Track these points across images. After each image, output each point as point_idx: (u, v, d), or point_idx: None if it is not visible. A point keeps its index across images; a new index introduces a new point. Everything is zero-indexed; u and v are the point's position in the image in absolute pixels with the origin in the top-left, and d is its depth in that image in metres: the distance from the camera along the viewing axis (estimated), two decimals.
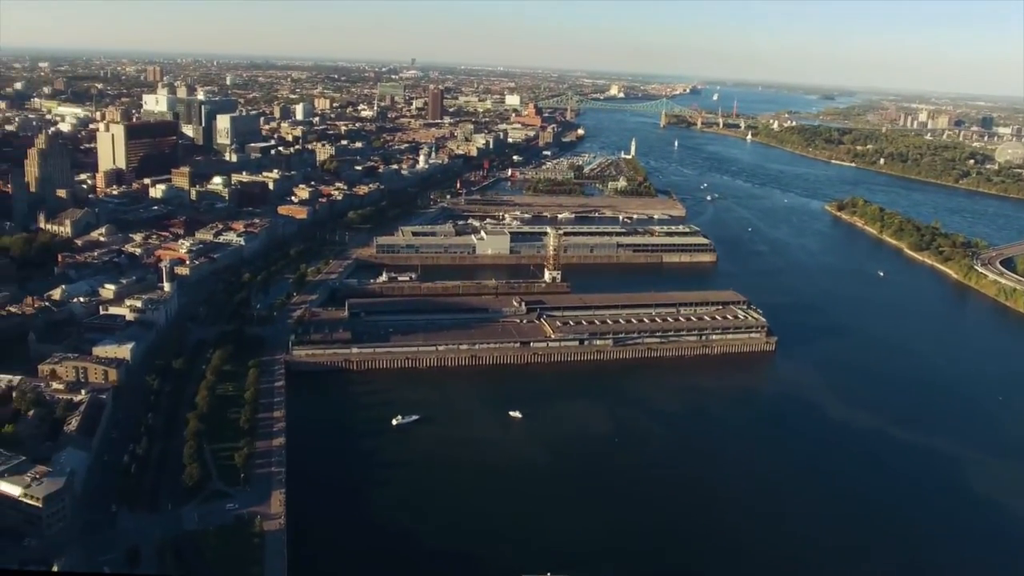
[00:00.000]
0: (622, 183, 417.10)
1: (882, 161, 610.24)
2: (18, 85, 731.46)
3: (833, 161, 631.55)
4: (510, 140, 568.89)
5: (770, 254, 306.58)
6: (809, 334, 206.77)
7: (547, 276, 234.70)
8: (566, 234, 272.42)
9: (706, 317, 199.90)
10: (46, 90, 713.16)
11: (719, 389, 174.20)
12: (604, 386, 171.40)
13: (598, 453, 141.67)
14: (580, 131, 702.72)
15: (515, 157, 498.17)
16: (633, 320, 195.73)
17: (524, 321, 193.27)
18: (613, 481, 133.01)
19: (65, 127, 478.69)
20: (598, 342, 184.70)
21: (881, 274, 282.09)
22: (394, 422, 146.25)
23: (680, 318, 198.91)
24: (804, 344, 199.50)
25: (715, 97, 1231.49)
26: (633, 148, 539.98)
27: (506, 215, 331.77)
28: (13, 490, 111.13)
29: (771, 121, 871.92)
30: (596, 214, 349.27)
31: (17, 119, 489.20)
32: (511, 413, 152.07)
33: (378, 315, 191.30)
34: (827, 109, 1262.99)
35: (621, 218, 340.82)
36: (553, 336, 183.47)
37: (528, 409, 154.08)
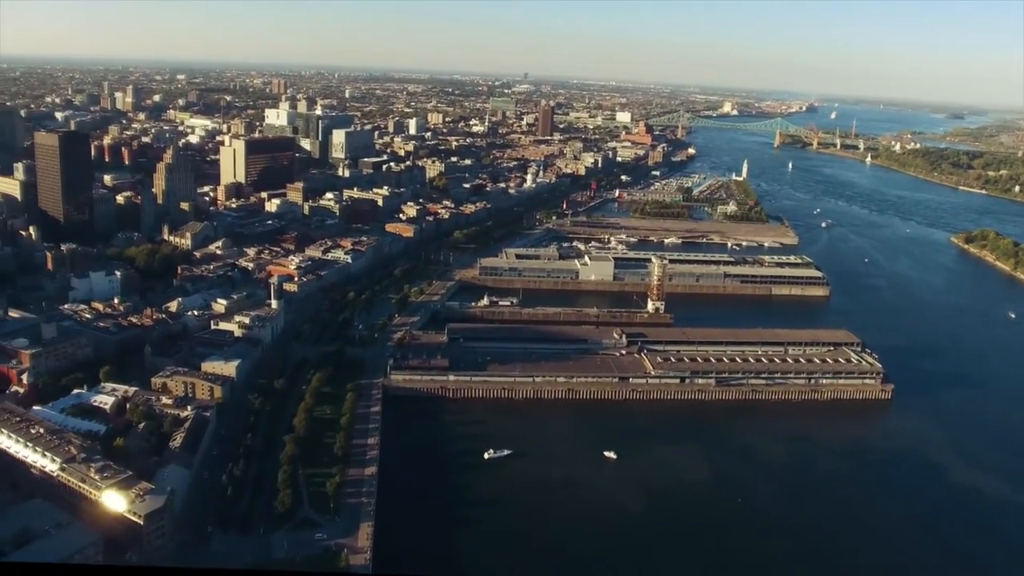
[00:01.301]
0: (732, 207, 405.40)
1: (1017, 188, 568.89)
2: (156, 97, 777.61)
3: (961, 187, 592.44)
4: (619, 159, 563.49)
5: (888, 290, 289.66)
6: (930, 383, 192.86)
7: (650, 306, 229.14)
8: (671, 261, 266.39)
9: (816, 359, 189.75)
10: (180, 102, 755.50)
11: (828, 439, 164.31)
12: (704, 429, 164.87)
13: (695, 503, 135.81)
14: (691, 150, 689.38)
15: (623, 177, 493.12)
16: (737, 359, 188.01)
17: (624, 354, 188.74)
18: (709, 534, 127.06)
19: (194, 139, 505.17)
20: (699, 381, 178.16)
21: (1013, 316, 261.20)
22: (486, 456, 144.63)
23: (788, 359, 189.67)
24: (924, 394, 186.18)
25: (833, 115, 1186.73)
26: (745, 170, 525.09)
27: (611, 238, 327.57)
28: (118, 505, 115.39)
29: (892, 142, 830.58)
30: (704, 240, 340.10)
31: (153, 131, 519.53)
32: (606, 453, 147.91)
33: (477, 341, 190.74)
34: (955, 129, 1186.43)
35: (730, 245, 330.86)
36: (653, 372, 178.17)
37: (623, 449, 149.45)
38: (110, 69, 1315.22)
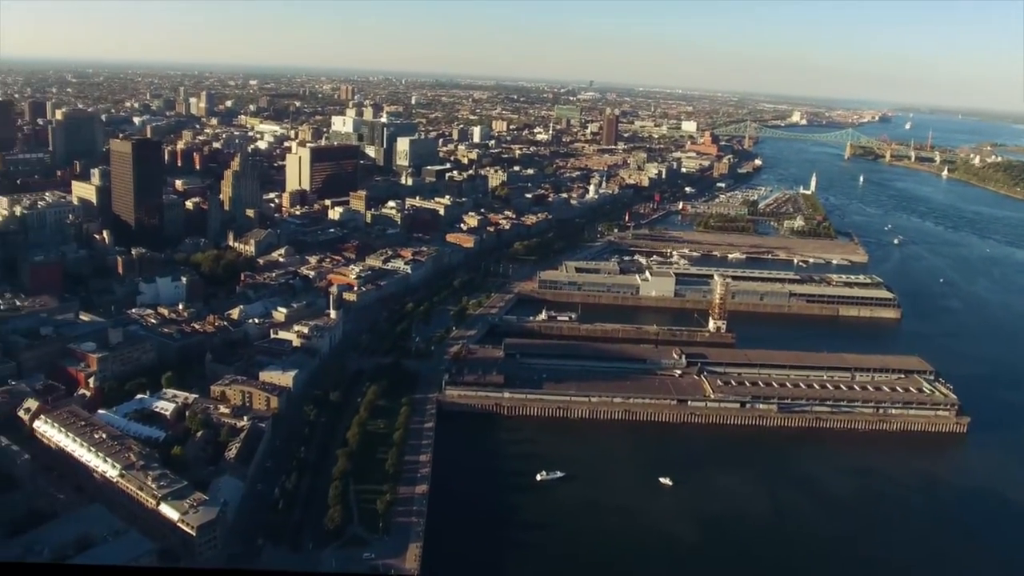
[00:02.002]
0: (799, 222, 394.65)
1: None
2: (229, 103, 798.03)
3: None
4: (683, 170, 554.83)
5: (964, 313, 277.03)
6: (1010, 416, 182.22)
7: (711, 325, 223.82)
8: (734, 278, 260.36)
9: (885, 387, 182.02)
10: (251, 107, 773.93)
11: (897, 474, 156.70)
12: (764, 457, 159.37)
13: (753, 535, 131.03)
14: (757, 161, 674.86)
15: (687, 188, 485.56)
16: (801, 384, 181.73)
17: (683, 376, 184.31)
18: (768, 570, 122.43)
19: (263, 144, 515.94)
20: (761, 406, 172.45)
21: None
22: (538, 477, 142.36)
23: (855, 386, 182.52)
24: (1003, 428, 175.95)
25: (907, 126, 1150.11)
26: (813, 183, 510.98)
27: (673, 252, 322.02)
28: (173, 514, 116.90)
29: (971, 155, 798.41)
30: (769, 256, 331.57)
31: (224, 136, 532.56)
32: (661, 479, 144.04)
33: (534, 358, 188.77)
34: None
35: (796, 262, 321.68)
36: (713, 396, 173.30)
37: (679, 476, 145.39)
38: (187, 74, 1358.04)
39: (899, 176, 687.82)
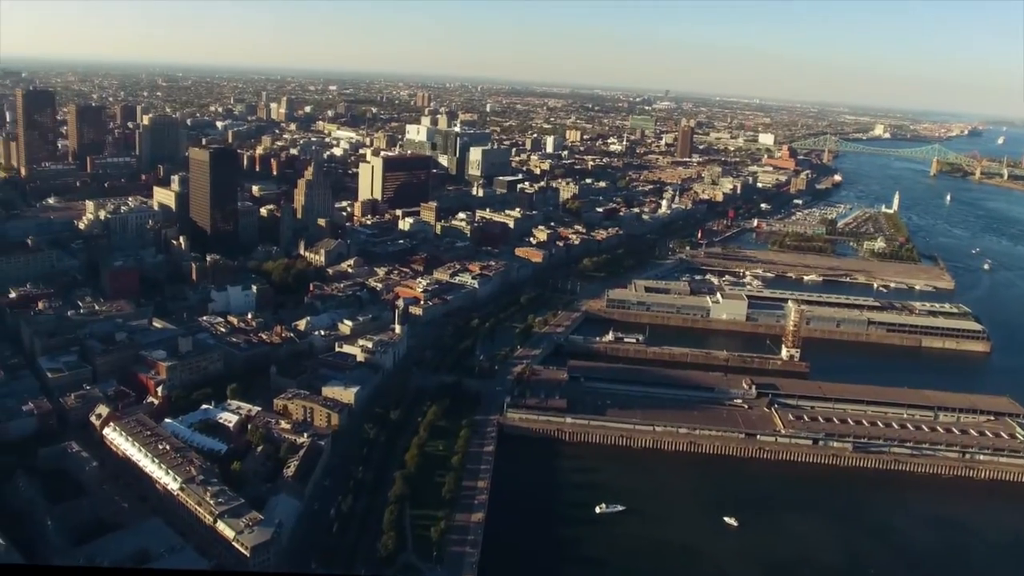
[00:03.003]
0: (880, 244, 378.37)
1: None
2: (308, 108, 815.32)
3: None
4: (759, 185, 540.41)
5: None
6: None
7: (784, 352, 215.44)
8: (809, 303, 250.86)
9: (972, 430, 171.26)
10: (329, 113, 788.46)
11: (984, 527, 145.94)
12: (837, 500, 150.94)
13: None
14: (836, 177, 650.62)
15: (763, 205, 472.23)
16: (879, 422, 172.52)
17: (753, 407, 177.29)
18: None
19: (338, 151, 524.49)
20: (835, 444, 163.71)
21: None
22: (598, 510, 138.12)
23: (938, 427, 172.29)
24: None
25: (1000, 141, 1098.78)
26: (896, 201, 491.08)
27: (747, 272, 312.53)
28: (228, 532, 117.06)
29: None
30: (847, 279, 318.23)
31: (301, 142, 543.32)
32: (726, 519, 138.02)
33: (598, 382, 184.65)
34: None
35: (876, 287, 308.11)
36: (783, 431, 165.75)
37: (746, 516, 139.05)
38: (270, 79, 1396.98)
39: (990, 195, 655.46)
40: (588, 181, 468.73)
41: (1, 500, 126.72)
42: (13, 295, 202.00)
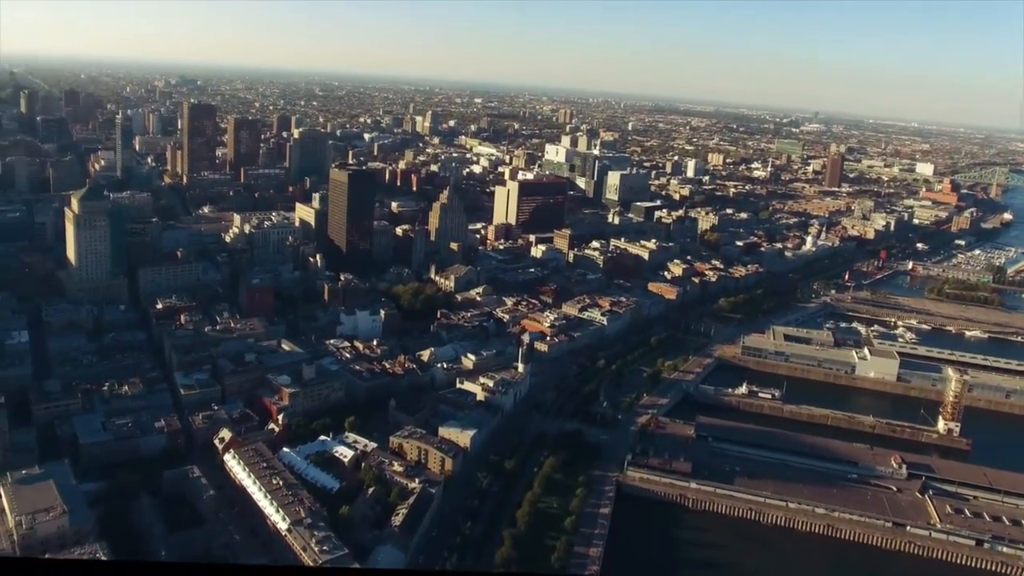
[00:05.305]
0: None
1: None
2: (451, 122, 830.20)
3: None
4: (915, 221, 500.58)
5: None
6: None
7: (941, 425, 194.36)
8: (973, 366, 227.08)
9: None
10: (472, 127, 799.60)
11: None
12: None
13: None
14: (1007, 215, 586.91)
15: (919, 245, 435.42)
16: None
17: (903, 491, 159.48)
18: None
19: (478, 168, 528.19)
20: (1005, 549, 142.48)
21: None
22: None
23: None
24: None
25: None
26: None
27: (899, 323, 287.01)
28: None
29: None
30: (1019, 339, 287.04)
31: (442, 157, 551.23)
32: None
33: (728, 443, 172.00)
34: None
35: None
36: (939, 525, 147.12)
37: None
38: (419, 90, 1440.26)
39: None
40: (729, 211, 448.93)
41: (125, 521, 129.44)
42: (160, 306, 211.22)
